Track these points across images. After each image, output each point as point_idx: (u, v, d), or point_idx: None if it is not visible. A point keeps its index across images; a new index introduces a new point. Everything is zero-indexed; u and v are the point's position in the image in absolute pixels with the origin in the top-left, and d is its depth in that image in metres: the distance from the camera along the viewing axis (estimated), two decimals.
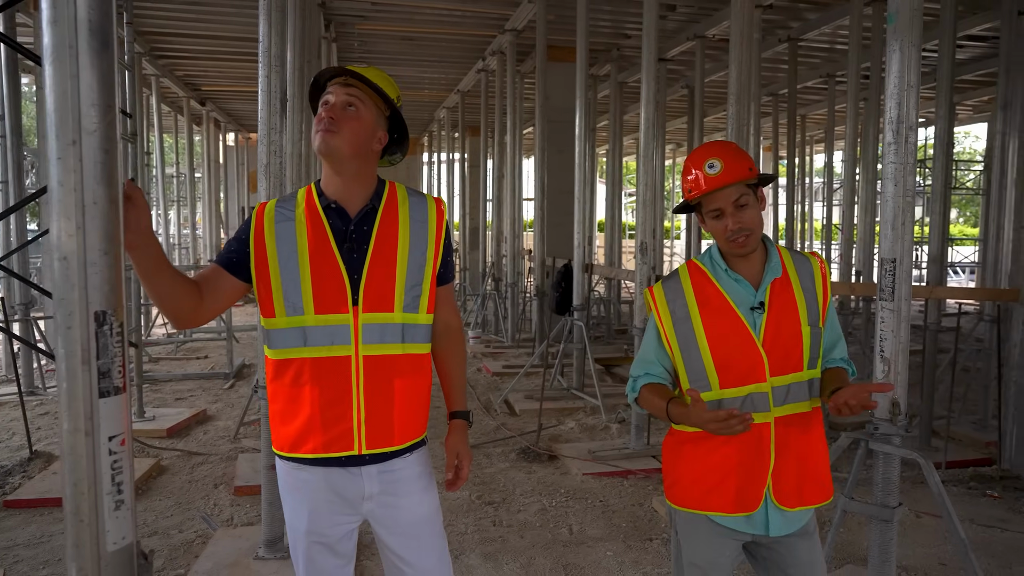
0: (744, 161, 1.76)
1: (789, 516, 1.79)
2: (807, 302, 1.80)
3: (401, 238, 1.77)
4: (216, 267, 1.75)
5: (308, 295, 1.71)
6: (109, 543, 1.35)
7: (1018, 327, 5.08)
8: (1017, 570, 3.39)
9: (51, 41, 1.25)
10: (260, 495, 4.07)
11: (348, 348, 1.71)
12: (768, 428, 1.75)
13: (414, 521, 1.82)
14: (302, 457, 1.75)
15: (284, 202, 1.80)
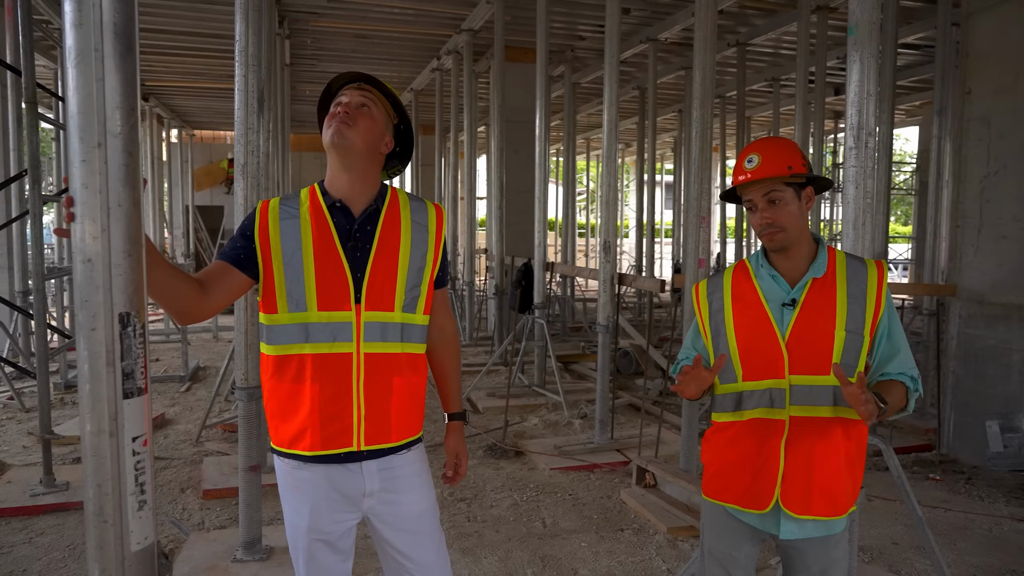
0: (783, 159, 1.77)
1: (801, 523, 1.77)
2: (850, 307, 1.76)
3: (403, 240, 1.81)
4: (223, 263, 1.76)
5: (312, 291, 1.74)
6: (133, 543, 1.36)
7: (955, 320, 5.39)
8: (961, 546, 3.62)
9: (75, 44, 1.26)
10: (230, 498, 4.05)
11: (350, 345, 1.74)
12: (782, 426, 1.75)
13: (414, 516, 1.86)
14: (301, 454, 1.77)
15: (287, 200, 1.82)
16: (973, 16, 5.24)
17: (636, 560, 3.42)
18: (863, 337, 1.75)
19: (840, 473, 1.76)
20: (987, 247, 5.15)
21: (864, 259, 1.83)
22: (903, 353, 1.77)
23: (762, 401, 1.78)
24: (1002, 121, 5.04)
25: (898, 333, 1.78)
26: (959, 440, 5.28)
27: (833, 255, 1.83)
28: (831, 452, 1.74)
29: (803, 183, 1.80)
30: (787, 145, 1.84)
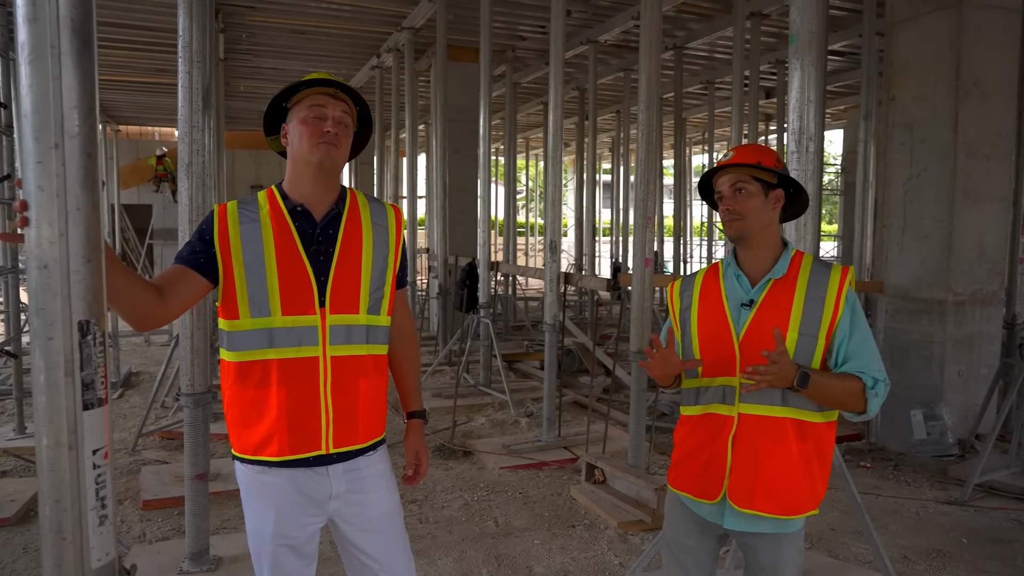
0: (755, 155, 1.83)
1: (744, 517, 1.80)
2: (806, 310, 1.78)
3: (365, 242, 1.81)
4: (182, 268, 1.71)
5: (275, 296, 1.72)
6: (94, 560, 1.31)
7: (882, 315, 5.67)
8: (892, 529, 3.82)
9: (30, 40, 1.20)
10: (173, 508, 3.92)
11: (316, 349, 1.74)
12: (731, 422, 1.80)
13: (380, 517, 1.86)
14: (268, 460, 1.75)
15: (245, 204, 1.78)
16: (896, 27, 5.52)
17: (589, 555, 3.48)
18: (817, 340, 1.77)
19: (789, 472, 1.77)
20: (910, 245, 5.44)
21: (832, 264, 1.85)
22: (866, 354, 1.77)
23: (715, 397, 1.84)
24: (923, 127, 5.33)
25: (862, 337, 1.78)
26: (886, 429, 5.55)
27: (799, 258, 1.86)
28: (779, 450, 1.77)
29: (773, 184, 1.85)
30: (764, 148, 1.91)
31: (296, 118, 1.77)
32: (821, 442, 1.81)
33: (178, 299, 1.69)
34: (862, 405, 1.75)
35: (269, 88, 13.51)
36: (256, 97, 14.39)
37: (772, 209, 1.85)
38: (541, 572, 3.31)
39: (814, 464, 1.80)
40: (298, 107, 1.77)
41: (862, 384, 1.74)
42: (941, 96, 5.19)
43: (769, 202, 1.84)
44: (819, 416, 1.79)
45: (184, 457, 3.05)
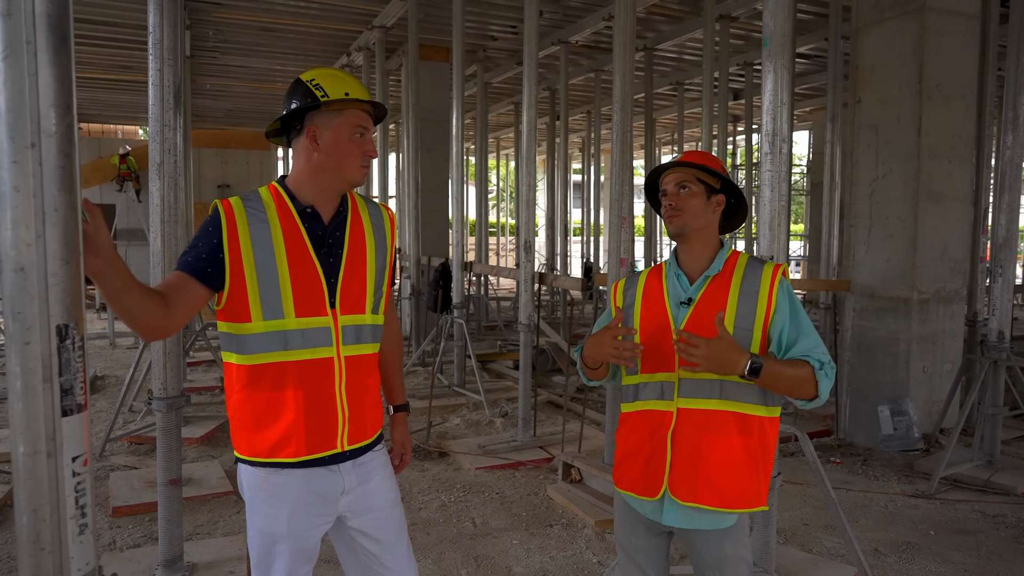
0: (701, 159, 1.90)
1: (685, 510, 1.82)
2: (740, 304, 1.83)
3: (368, 244, 1.85)
4: (186, 277, 1.67)
5: (288, 299, 1.72)
6: (74, 570, 1.28)
7: (849, 313, 5.79)
8: (863, 523, 3.91)
9: (5, 36, 1.17)
10: (144, 515, 3.85)
11: (330, 350, 1.76)
12: (670, 417, 1.82)
13: (385, 504, 1.90)
14: (283, 461, 1.75)
15: (250, 202, 1.75)
16: (861, 31, 5.64)
17: (567, 554, 3.49)
18: (752, 333, 1.81)
19: (732, 465, 1.79)
20: (876, 245, 5.56)
21: (765, 261, 1.91)
22: (809, 339, 1.80)
23: (653, 393, 1.87)
24: (888, 129, 5.45)
25: (804, 323, 1.82)
26: (854, 425, 5.67)
27: (735, 257, 1.92)
28: (721, 444, 1.79)
29: (716, 189, 1.91)
30: (710, 155, 1.99)
31: (337, 130, 1.74)
32: (765, 437, 1.83)
33: (183, 310, 1.67)
34: (813, 389, 1.77)
35: (236, 86, 13.32)
36: (222, 95, 14.18)
37: (712, 212, 1.91)
38: (520, 572, 3.31)
39: (758, 458, 1.82)
40: (339, 119, 1.74)
41: (811, 368, 1.76)
42: (905, 99, 5.31)
43: (710, 205, 1.90)
44: (762, 410, 1.81)
45: (157, 462, 2.99)
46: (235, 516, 3.93)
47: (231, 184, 19.40)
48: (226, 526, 3.78)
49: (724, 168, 1.96)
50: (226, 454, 5.02)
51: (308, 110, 1.73)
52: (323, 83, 1.73)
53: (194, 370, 7.42)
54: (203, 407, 6.13)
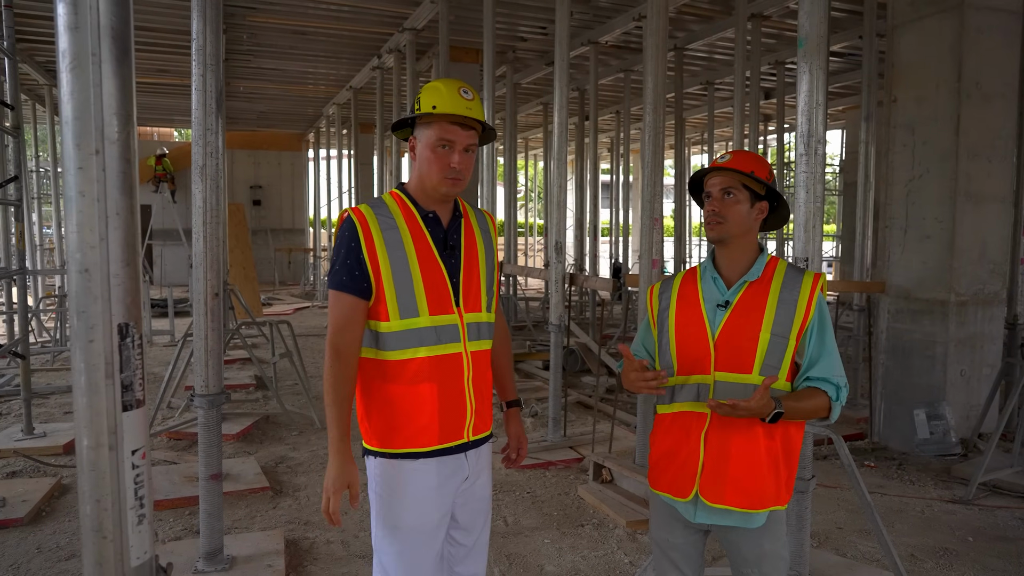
0: (751, 165, 1.89)
1: (714, 511, 1.87)
2: (778, 311, 1.85)
3: (479, 246, 1.97)
4: (358, 302, 1.84)
5: (422, 298, 1.84)
6: (133, 558, 1.34)
7: (884, 315, 5.71)
8: (898, 528, 3.86)
9: (71, 48, 1.23)
10: (183, 508, 3.94)
11: (458, 346, 1.90)
12: (704, 419, 1.86)
13: (484, 497, 2.04)
14: (418, 451, 1.86)
15: (379, 209, 1.87)
16: (897, 29, 5.56)
17: (599, 554, 3.50)
18: (788, 341, 1.84)
19: (758, 468, 1.84)
20: (912, 246, 5.48)
21: (805, 270, 1.93)
22: (830, 359, 1.85)
23: (689, 395, 1.90)
24: (925, 128, 5.36)
25: (829, 341, 1.86)
26: (889, 428, 5.59)
27: (774, 263, 1.94)
28: (748, 447, 1.84)
29: (760, 195, 1.92)
30: (759, 158, 1.97)
31: (425, 141, 1.85)
32: (789, 441, 1.89)
33: (361, 332, 1.87)
34: (828, 414, 1.85)
35: (269, 88, 13.51)
36: (255, 97, 14.39)
37: (755, 219, 1.93)
38: (552, 571, 3.34)
39: (780, 461, 1.87)
40: (428, 130, 1.84)
41: (827, 398, 1.83)
42: (943, 98, 5.22)
43: (754, 211, 1.92)
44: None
45: (198, 457, 3.06)
46: (271, 511, 4.01)
47: (263, 185, 19.71)
48: (263, 521, 3.86)
49: (771, 173, 1.95)
50: (262, 450, 5.12)
51: (413, 121, 1.88)
52: (423, 95, 1.86)
53: (229, 368, 7.56)
54: (239, 404, 6.25)
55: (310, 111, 16.17)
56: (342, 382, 1.84)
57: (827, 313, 1.89)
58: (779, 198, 1.97)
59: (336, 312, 1.84)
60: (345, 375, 1.84)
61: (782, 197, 1.98)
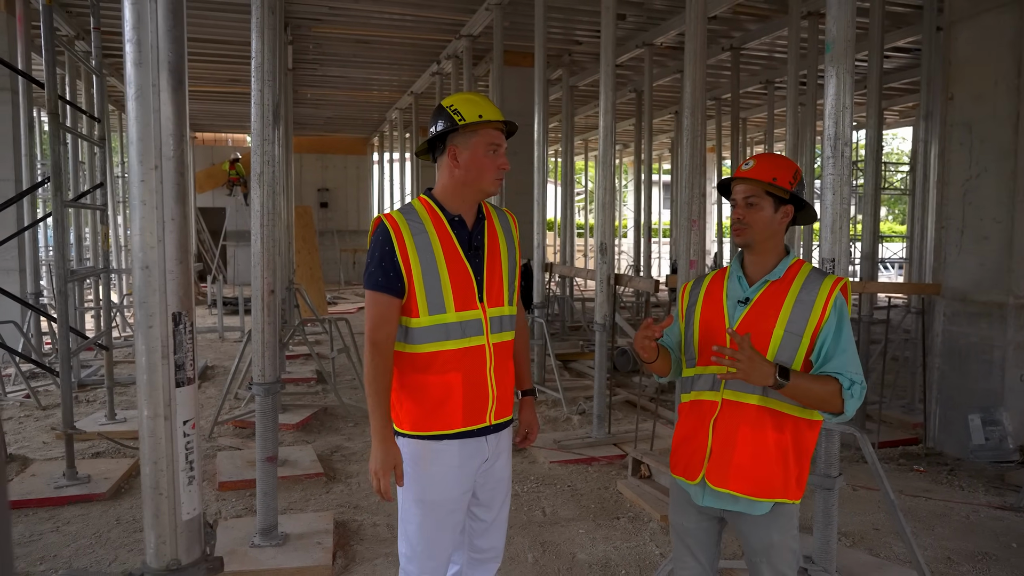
0: (772, 171, 1.97)
1: (718, 495, 1.97)
2: (795, 310, 1.92)
3: (502, 245, 2.14)
4: (393, 300, 2.02)
5: (449, 296, 2.03)
6: (184, 513, 1.56)
7: (939, 318, 5.58)
8: (939, 531, 3.82)
9: (136, 80, 1.46)
10: (245, 490, 4.24)
11: (482, 338, 2.07)
12: (715, 406, 1.97)
13: (503, 479, 2.22)
14: (444, 433, 2.05)
15: (409, 215, 2.07)
16: (955, 24, 5.43)
17: (631, 545, 3.61)
18: (801, 339, 1.91)
19: (763, 458, 1.92)
20: (969, 247, 5.35)
21: (827, 274, 1.99)
22: (846, 356, 1.88)
23: (706, 384, 2.02)
24: (983, 126, 5.23)
25: (845, 340, 1.90)
26: (944, 434, 5.47)
27: (798, 265, 2.01)
28: (755, 437, 1.92)
29: (785, 199, 1.99)
30: (783, 162, 2.03)
31: (474, 148, 2.03)
32: (800, 437, 1.95)
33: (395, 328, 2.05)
34: (839, 406, 1.86)
35: (335, 95, 14.05)
36: (322, 104, 14.97)
37: (779, 222, 2.00)
38: (584, 559, 3.47)
39: (790, 456, 1.93)
40: (476, 138, 2.03)
41: (839, 385, 1.85)
42: (1002, 95, 5.09)
43: (778, 216, 1.99)
44: (798, 410, 1.93)
45: (256, 441, 3.34)
46: (324, 495, 4.28)
47: (330, 188, 20.41)
48: (316, 504, 4.14)
49: (794, 178, 2.00)
50: (319, 439, 5.43)
51: (449, 132, 2.03)
52: (460, 108, 2.03)
53: (293, 363, 7.97)
54: (300, 396, 6.61)
55: (374, 116, 16.69)
56: (381, 373, 2.03)
57: (846, 316, 1.94)
58: (803, 202, 2.02)
59: (373, 310, 2.04)
60: (384, 367, 2.03)
61: (805, 201, 2.04)
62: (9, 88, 7.82)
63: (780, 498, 1.94)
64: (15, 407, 6.16)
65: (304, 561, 3.24)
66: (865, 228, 6.30)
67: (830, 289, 1.94)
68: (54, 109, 4.06)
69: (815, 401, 1.88)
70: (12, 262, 8.11)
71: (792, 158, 8.58)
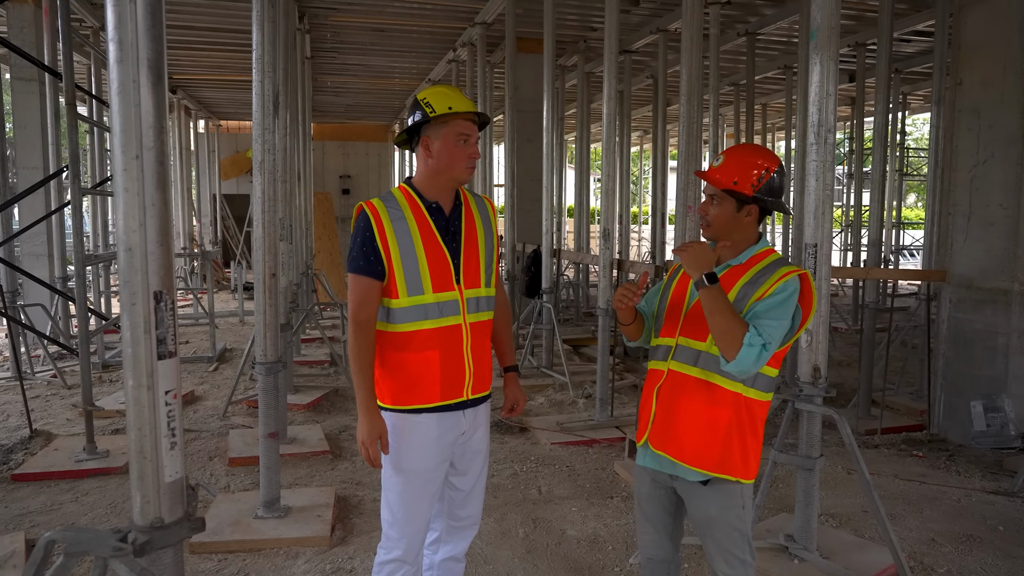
0: (734, 174, 2.04)
1: (655, 456, 2.09)
2: (741, 291, 2.01)
3: (478, 230, 2.26)
4: (373, 282, 2.15)
5: (427, 278, 2.15)
6: (166, 476, 1.69)
7: (945, 305, 5.57)
8: (927, 514, 3.87)
9: (118, 77, 1.57)
10: (254, 466, 4.41)
11: (459, 318, 2.19)
12: (661, 375, 2.10)
13: (480, 451, 2.34)
14: (423, 407, 2.18)
15: (388, 203, 2.19)
16: (964, 8, 5.38)
17: (620, 523, 3.72)
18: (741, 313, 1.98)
19: (700, 428, 2.00)
20: (975, 234, 5.32)
21: (786, 266, 2.02)
22: (771, 320, 1.92)
23: (661, 355, 2.14)
24: (991, 111, 5.19)
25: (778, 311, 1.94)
26: (948, 420, 5.47)
27: (765, 254, 2.08)
28: (692, 407, 2.02)
29: (750, 197, 2.05)
30: (750, 160, 2.07)
31: (444, 138, 2.14)
32: (741, 413, 2.01)
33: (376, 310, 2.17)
34: (736, 347, 1.88)
35: (354, 83, 14.19)
36: (342, 91, 15.12)
37: (742, 220, 2.07)
38: (573, 535, 3.58)
39: (732, 431, 2.00)
40: (446, 128, 2.14)
41: (744, 331, 1.90)
42: (1010, 80, 5.04)
43: (741, 214, 2.07)
44: (740, 387, 2.00)
45: (259, 419, 3.49)
46: (329, 472, 4.44)
47: (352, 174, 20.63)
48: (321, 479, 4.30)
49: (759, 179, 2.04)
50: (328, 419, 5.60)
51: (422, 123, 2.15)
52: (432, 100, 2.15)
53: (308, 346, 8.17)
54: (313, 378, 6.80)
55: (394, 103, 16.81)
56: (365, 350, 2.16)
57: (791, 302, 1.97)
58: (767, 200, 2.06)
59: (356, 292, 2.16)
60: (367, 344, 2.16)
61: (764, 202, 2.06)
62: (36, 79, 8.09)
63: (717, 472, 2.01)
64: (43, 386, 6.44)
65: (303, 532, 3.40)
66: (872, 215, 6.27)
67: (777, 279, 1.99)
68: (71, 100, 4.23)
69: (722, 325, 1.91)
70: (41, 247, 8.42)
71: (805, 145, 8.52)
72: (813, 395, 3.10)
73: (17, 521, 3.65)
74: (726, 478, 2.03)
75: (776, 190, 2.10)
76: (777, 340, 1.93)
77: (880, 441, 5.30)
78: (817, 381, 3.10)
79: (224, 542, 3.32)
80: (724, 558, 2.09)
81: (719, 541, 2.08)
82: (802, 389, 3.12)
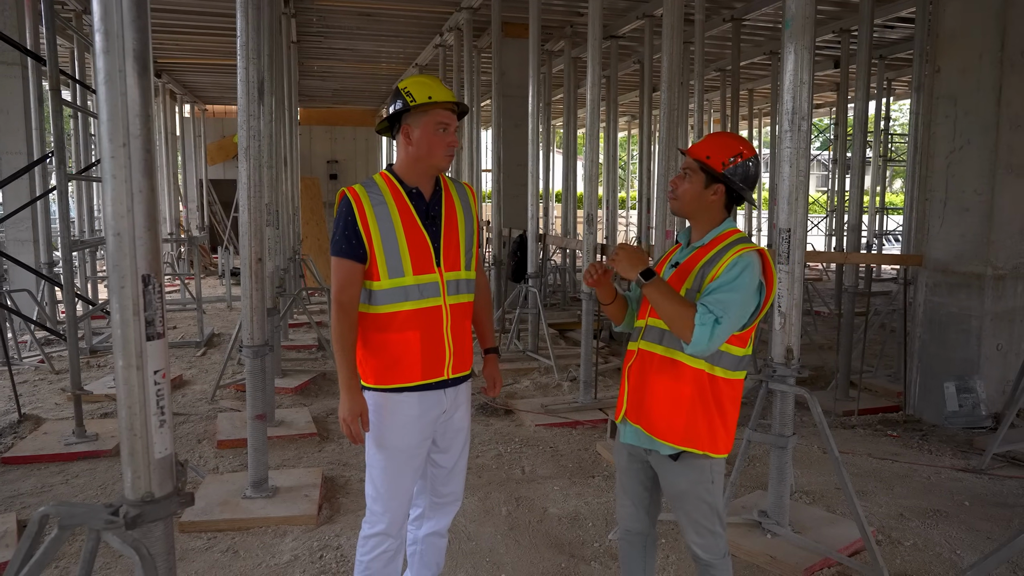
0: (709, 151, 2.14)
1: (633, 430, 2.18)
2: (698, 277, 2.10)
3: (458, 214, 2.33)
4: (355, 265, 2.21)
5: (407, 261, 2.22)
6: (156, 452, 1.76)
7: (922, 289, 5.70)
8: (897, 491, 4.00)
9: (105, 67, 1.62)
10: (242, 448, 4.48)
11: (438, 300, 2.26)
12: (633, 354, 2.21)
13: (461, 429, 2.43)
14: (404, 386, 2.26)
15: (370, 188, 2.25)
16: None
17: (601, 501, 3.82)
18: (698, 294, 2.07)
19: (666, 403, 2.09)
20: (951, 219, 5.44)
21: (740, 248, 2.07)
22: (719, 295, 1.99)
23: (634, 335, 2.24)
24: (967, 99, 5.29)
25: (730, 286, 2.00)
26: (923, 401, 5.61)
27: (727, 235, 2.15)
28: (659, 383, 2.12)
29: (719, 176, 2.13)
30: (727, 144, 2.17)
31: (424, 127, 2.20)
32: (705, 389, 2.08)
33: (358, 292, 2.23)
34: (689, 328, 1.96)
35: (341, 67, 14.12)
36: (329, 76, 15.05)
37: (708, 198, 2.16)
38: (555, 512, 3.68)
39: (696, 406, 2.08)
40: (426, 117, 2.20)
41: (693, 311, 1.97)
42: (986, 67, 5.13)
43: (707, 192, 2.15)
44: (704, 364, 2.07)
45: (246, 401, 3.56)
46: (317, 454, 4.52)
47: (339, 159, 20.56)
48: (308, 461, 4.38)
49: (731, 161, 2.12)
50: (316, 403, 5.67)
51: (403, 112, 2.21)
52: (412, 89, 2.21)
53: (296, 331, 8.21)
54: (301, 363, 6.86)
55: (382, 88, 16.74)
56: (347, 331, 2.24)
57: (746, 277, 2.01)
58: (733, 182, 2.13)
59: (338, 274, 2.24)
60: (349, 325, 2.24)
61: (731, 182, 2.13)
62: (19, 63, 8.03)
63: (684, 445, 2.09)
64: (31, 371, 6.46)
65: (291, 511, 3.48)
66: (852, 200, 6.38)
67: (725, 260, 2.05)
68: (55, 85, 4.24)
69: (670, 312, 2.00)
70: (26, 233, 8.39)
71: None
72: (786, 376, 3.19)
73: (8, 502, 3.71)
74: (694, 452, 2.11)
75: (747, 178, 2.17)
76: (732, 314, 1.98)
77: (857, 422, 5.43)
78: (790, 362, 3.20)
79: (213, 521, 3.40)
80: (695, 529, 2.18)
81: (690, 513, 2.17)
82: (775, 370, 3.22)
